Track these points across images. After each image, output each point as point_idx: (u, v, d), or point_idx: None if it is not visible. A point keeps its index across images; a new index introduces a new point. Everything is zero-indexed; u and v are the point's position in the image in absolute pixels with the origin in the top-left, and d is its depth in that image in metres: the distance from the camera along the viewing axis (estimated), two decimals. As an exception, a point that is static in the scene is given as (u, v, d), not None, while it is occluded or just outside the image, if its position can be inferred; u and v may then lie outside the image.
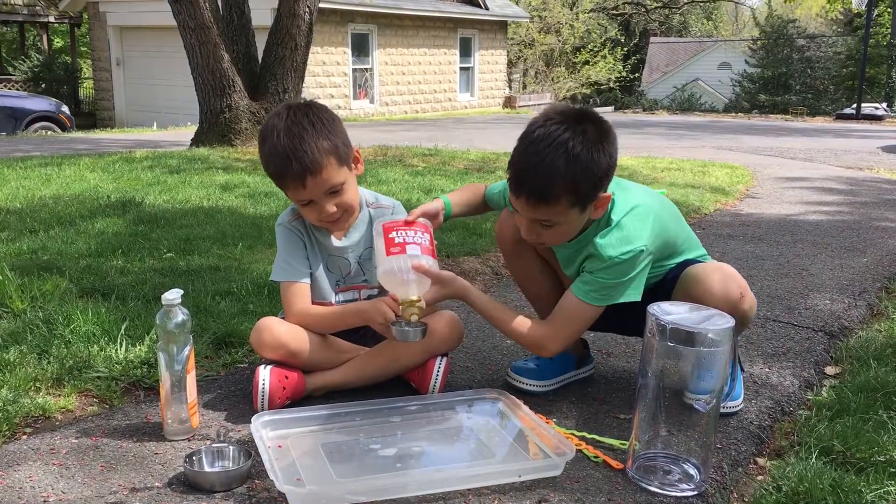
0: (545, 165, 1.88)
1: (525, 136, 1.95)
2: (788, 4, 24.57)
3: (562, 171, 1.87)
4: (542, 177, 1.89)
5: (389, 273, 2.04)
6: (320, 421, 2.02)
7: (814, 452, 1.98)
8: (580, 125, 1.91)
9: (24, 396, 2.15)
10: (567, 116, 1.93)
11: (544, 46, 29.67)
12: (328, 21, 17.68)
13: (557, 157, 1.87)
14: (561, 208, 1.93)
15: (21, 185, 5.68)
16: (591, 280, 2.03)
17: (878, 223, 5.18)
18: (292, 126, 2.10)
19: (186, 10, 8.35)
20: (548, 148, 1.88)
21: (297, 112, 2.15)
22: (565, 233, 2.03)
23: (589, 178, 1.91)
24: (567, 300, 2.08)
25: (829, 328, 2.99)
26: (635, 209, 2.03)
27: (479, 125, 16.13)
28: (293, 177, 2.09)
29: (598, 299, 2.04)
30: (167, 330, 1.92)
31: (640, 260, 2.00)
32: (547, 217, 1.96)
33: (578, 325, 2.10)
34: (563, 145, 1.87)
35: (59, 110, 15.39)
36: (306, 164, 2.07)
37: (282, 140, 2.09)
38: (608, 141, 1.94)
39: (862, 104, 20.34)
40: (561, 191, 1.90)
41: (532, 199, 1.92)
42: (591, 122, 1.93)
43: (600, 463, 1.89)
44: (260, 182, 6.09)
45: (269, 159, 2.14)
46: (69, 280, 3.17)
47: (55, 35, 27.27)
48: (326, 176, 2.10)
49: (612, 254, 1.99)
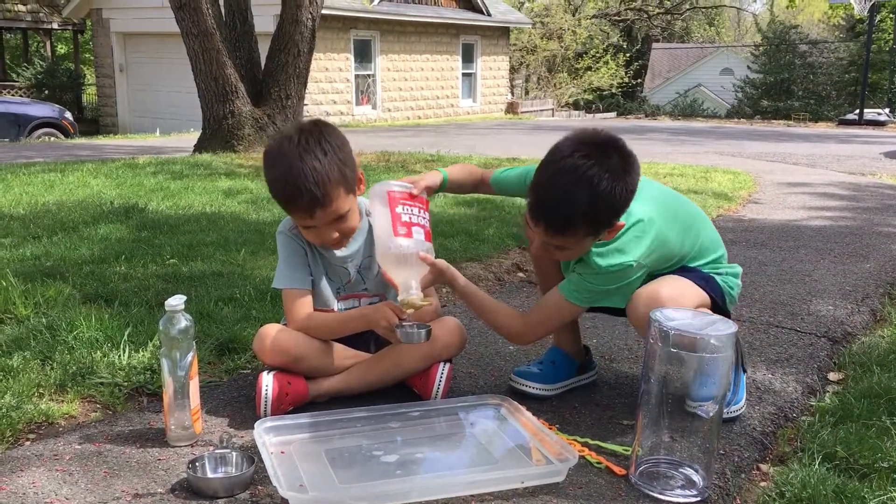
0: (569, 201, 1.87)
1: (550, 164, 1.92)
2: (790, 10, 24.59)
3: (584, 207, 1.87)
4: (565, 212, 1.88)
5: (393, 257, 2.01)
6: (323, 427, 2.02)
7: (817, 458, 1.98)
8: (607, 158, 1.88)
9: (27, 402, 2.15)
10: (594, 147, 1.90)
11: (546, 52, 29.70)
12: (331, 27, 17.72)
13: (582, 194, 1.85)
14: (577, 238, 1.95)
15: (24, 192, 5.69)
16: (579, 281, 2.06)
17: (881, 229, 5.18)
18: (304, 154, 2.06)
19: (190, 16, 8.37)
20: (573, 183, 1.86)
21: (309, 138, 2.09)
22: (576, 254, 2.04)
23: (609, 213, 1.92)
24: (552, 295, 2.13)
25: (832, 334, 2.98)
26: (637, 225, 2.01)
27: (482, 131, 16.14)
28: (302, 207, 2.08)
29: (580, 300, 2.08)
30: (170, 336, 1.92)
31: (629, 273, 2.02)
32: (561, 244, 1.98)
33: (556, 320, 2.16)
34: (589, 182, 1.85)
35: (62, 116, 15.45)
36: (317, 197, 2.05)
37: (293, 169, 2.05)
38: (631, 174, 1.91)
39: (864, 110, 20.31)
40: (580, 224, 1.91)
41: (550, 229, 1.93)
42: (617, 155, 1.90)
43: (603, 469, 1.89)
44: (262, 188, 6.09)
45: (277, 186, 2.11)
46: (72, 286, 3.18)
47: (59, 41, 27.39)
48: (335, 207, 2.10)
49: (602, 263, 2.01)
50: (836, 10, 24.48)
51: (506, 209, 5.28)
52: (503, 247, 4.19)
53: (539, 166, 1.96)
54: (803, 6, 31.18)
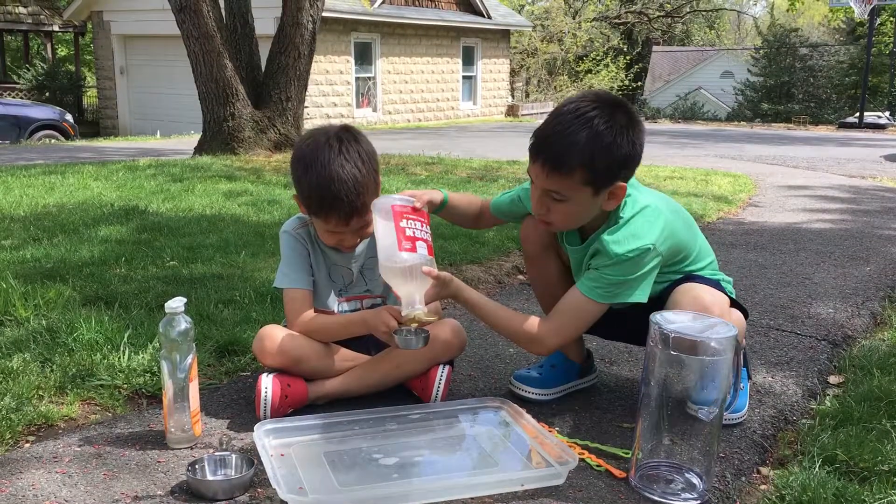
0: (566, 135, 1.91)
1: (555, 110, 1.99)
2: (791, 13, 24.62)
3: (581, 143, 1.90)
4: (562, 145, 1.92)
5: (399, 270, 1.99)
6: (323, 429, 2.02)
7: (817, 462, 1.98)
8: (611, 109, 1.94)
9: (27, 404, 2.15)
10: (601, 100, 1.96)
11: (547, 55, 29.71)
12: (331, 30, 17.72)
13: (580, 129, 1.91)
14: (574, 182, 1.94)
15: (25, 194, 5.69)
16: (597, 276, 2.00)
17: (881, 232, 5.18)
18: (345, 163, 2.08)
19: (190, 19, 8.39)
20: (574, 121, 1.92)
21: (349, 147, 2.11)
22: (574, 213, 2.01)
23: (607, 158, 1.92)
24: (571, 295, 2.05)
25: (832, 337, 2.98)
26: (645, 209, 2.02)
27: (482, 133, 16.15)
28: (340, 215, 2.09)
29: (603, 296, 2.00)
30: (170, 338, 1.92)
31: (647, 258, 1.97)
32: (558, 189, 1.96)
33: (580, 322, 2.06)
34: (589, 121, 1.91)
35: (62, 119, 15.47)
36: (357, 207, 2.08)
37: (334, 176, 2.06)
38: (635, 130, 1.96)
39: (865, 113, 20.31)
40: (577, 163, 1.91)
41: (547, 164, 1.94)
42: (622, 110, 1.96)
43: (603, 472, 1.89)
44: (263, 190, 6.10)
45: (316, 191, 2.10)
46: (72, 288, 3.18)
47: (59, 44, 27.41)
48: (367, 216, 2.13)
49: (619, 250, 1.96)
50: (837, 14, 24.50)
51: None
52: (503, 249, 4.19)
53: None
54: (804, 9, 31.22)
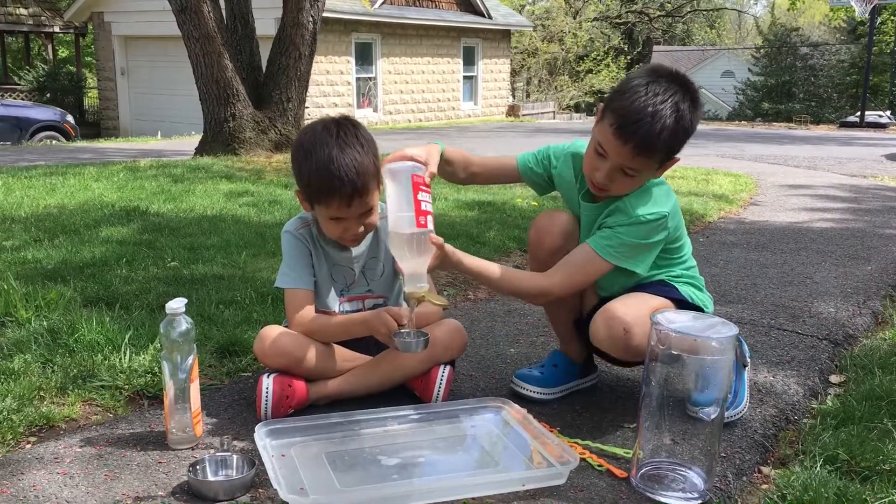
0: (658, 119, 1.94)
1: (637, 87, 1.98)
2: (791, 13, 24.60)
3: (670, 129, 1.95)
4: (654, 130, 1.94)
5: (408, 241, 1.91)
6: (324, 430, 2.02)
7: (818, 461, 1.98)
8: (684, 89, 1.99)
9: (28, 405, 2.16)
10: (674, 78, 2.00)
11: (547, 55, 29.73)
12: (332, 30, 17.73)
13: (669, 114, 1.94)
14: (653, 161, 2.01)
15: (26, 195, 5.70)
16: (611, 235, 2.07)
17: (883, 231, 5.18)
18: (344, 146, 2.09)
19: (191, 20, 8.39)
20: (663, 103, 1.95)
21: (347, 131, 2.13)
22: (638, 183, 2.07)
23: (684, 139, 2.01)
24: (582, 249, 2.11)
25: (834, 336, 2.98)
26: (662, 184, 2.13)
27: (483, 134, 16.15)
28: (342, 196, 2.09)
29: (612, 255, 2.06)
30: (171, 339, 1.92)
31: (659, 227, 2.06)
32: (638, 166, 2.01)
33: (585, 276, 2.11)
34: (676, 105, 1.96)
35: (63, 120, 15.48)
36: (358, 187, 2.08)
37: (334, 157, 2.08)
38: (700, 109, 2.04)
39: (865, 112, 20.30)
40: (663, 145, 1.97)
41: (637, 148, 1.96)
42: (691, 88, 2.01)
43: (604, 472, 1.89)
44: (263, 191, 6.10)
45: (316, 175, 2.11)
46: (74, 289, 3.18)
47: (60, 45, 27.44)
48: (369, 198, 2.13)
49: (641, 212, 2.05)
50: (838, 13, 24.50)
51: (507, 212, 5.29)
52: (504, 249, 4.19)
53: (616, 92, 2.03)
54: (804, 8, 31.20)
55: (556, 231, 2.21)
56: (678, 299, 2.15)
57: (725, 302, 3.37)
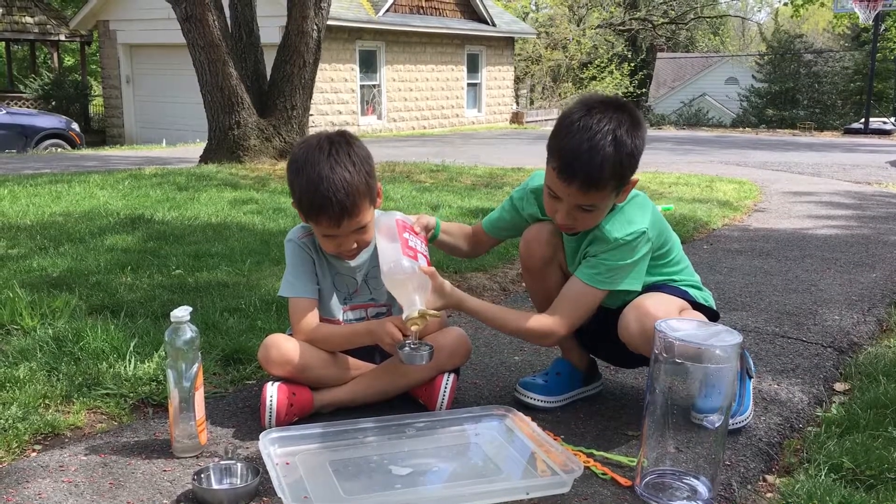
0: (597, 152, 1.94)
1: (570, 125, 1.99)
2: (795, 19, 24.61)
3: (611, 158, 1.95)
4: (595, 163, 1.95)
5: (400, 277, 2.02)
6: (328, 438, 2.02)
7: (823, 469, 1.97)
8: (619, 113, 1.99)
9: (33, 413, 2.16)
10: (606, 105, 2.01)
11: (551, 62, 29.74)
12: (336, 38, 17.77)
13: (607, 143, 1.94)
14: (606, 193, 2.01)
15: (31, 203, 5.72)
16: (596, 263, 2.08)
17: (887, 238, 5.17)
18: (335, 165, 2.09)
19: (196, 28, 8.42)
20: (598, 135, 1.95)
21: (340, 149, 2.12)
22: (599, 216, 2.08)
23: (631, 163, 2.00)
24: (571, 285, 2.13)
25: (838, 344, 2.97)
26: (635, 198, 2.14)
27: (487, 141, 16.17)
28: (330, 217, 2.09)
29: (602, 282, 2.08)
30: (176, 347, 1.93)
31: (641, 243, 2.07)
32: (592, 202, 2.02)
33: (583, 310, 2.13)
34: (613, 132, 1.95)
35: (69, 128, 15.54)
36: (346, 207, 2.08)
37: (323, 177, 2.07)
38: (641, 126, 2.03)
39: (870, 119, 20.27)
40: (610, 176, 1.97)
41: (584, 185, 1.97)
42: (626, 110, 2.01)
43: (608, 480, 1.89)
44: (268, 199, 6.12)
45: (305, 194, 2.11)
46: (79, 297, 3.19)
47: (66, 53, 27.54)
48: (360, 217, 2.13)
49: (617, 235, 2.06)
50: (841, 19, 24.53)
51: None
52: (507, 257, 4.19)
53: (553, 134, 2.03)
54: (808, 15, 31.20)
55: (543, 240, 2.23)
56: (692, 301, 2.16)
57: (730, 309, 3.37)
